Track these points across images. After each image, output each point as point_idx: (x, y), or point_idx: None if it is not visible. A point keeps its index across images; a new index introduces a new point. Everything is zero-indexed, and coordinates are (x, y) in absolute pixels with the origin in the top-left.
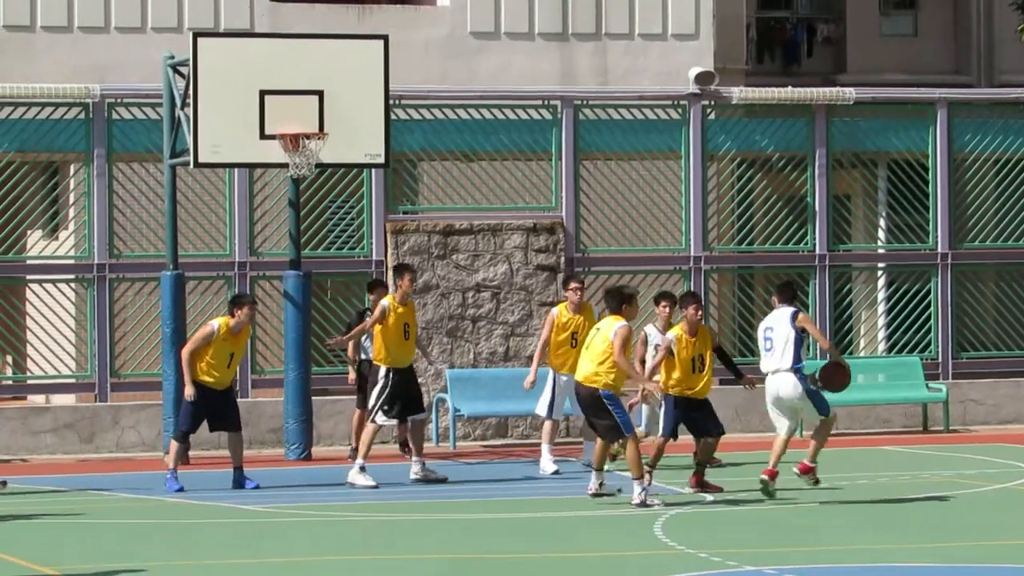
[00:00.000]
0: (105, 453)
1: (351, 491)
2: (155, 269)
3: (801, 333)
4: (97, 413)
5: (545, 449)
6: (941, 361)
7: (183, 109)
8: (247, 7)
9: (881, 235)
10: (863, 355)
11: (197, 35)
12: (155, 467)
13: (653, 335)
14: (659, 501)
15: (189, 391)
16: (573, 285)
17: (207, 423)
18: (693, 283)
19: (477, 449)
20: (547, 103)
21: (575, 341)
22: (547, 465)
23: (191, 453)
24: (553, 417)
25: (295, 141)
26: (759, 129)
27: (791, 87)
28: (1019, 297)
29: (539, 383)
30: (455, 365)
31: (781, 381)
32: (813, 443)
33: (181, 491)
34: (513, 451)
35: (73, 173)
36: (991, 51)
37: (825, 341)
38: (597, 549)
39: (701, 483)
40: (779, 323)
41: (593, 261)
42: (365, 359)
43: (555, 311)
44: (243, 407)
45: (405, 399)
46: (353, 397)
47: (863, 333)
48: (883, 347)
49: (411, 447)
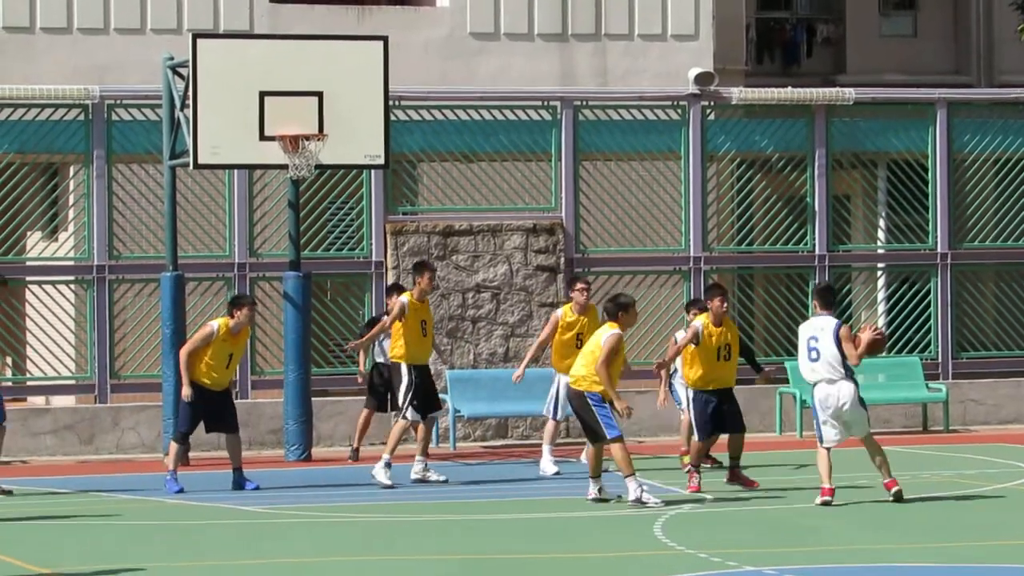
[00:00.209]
0: (105, 454)
1: (351, 491)
2: (155, 270)
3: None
4: (97, 414)
5: (546, 450)
6: (941, 361)
7: (182, 110)
8: (246, 8)
9: (881, 235)
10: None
11: (196, 36)
12: (155, 468)
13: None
14: (657, 500)
15: (186, 391)
16: (579, 286)
17: (203, 424)
18: (693, 283)
19: (477, 450)
20: (547, 104)
21: (580, 342)
22: (547, 466)
23: (191, 454)
24: (556, 418)
25: (295, 142)
26: (759, 129)
27: (791, 88)
28: (1019, 297)
29: (542, 383)
30: (455, 366)
31: (841, 390)
32: (878, 459)
33: (181, 492)
34: (513, 452)
35: (73, 174)
36: (991, 51)
37: (856, 359)
38: (597, 549)
39: (737, 477)
40: (824, 334)
41: (593, 262)
42: (382, 361)
43: (560, 311)
44: (243, 408)
45: (428, 395)
46: (353, 398)
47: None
48: None
49: (423, 443)
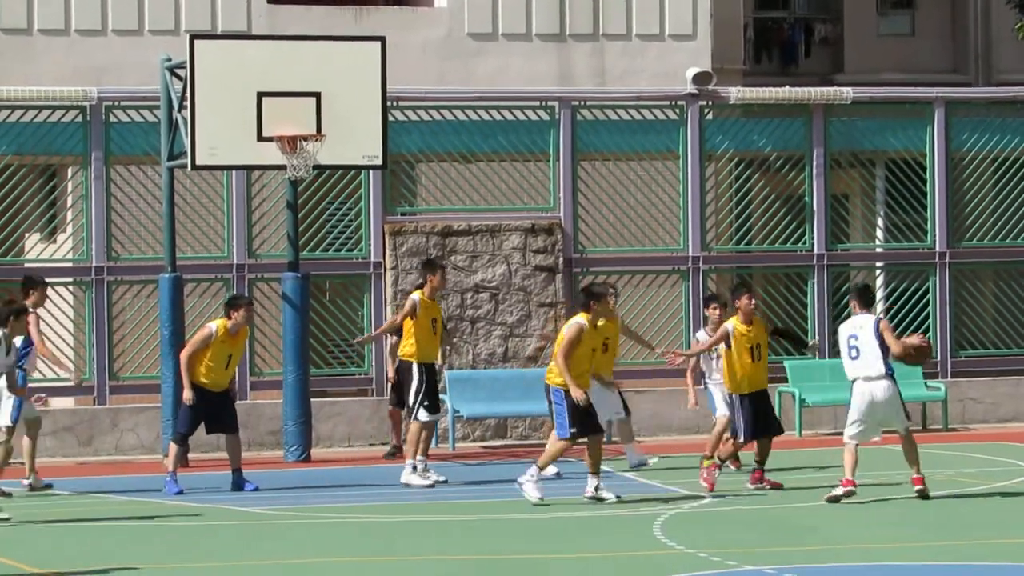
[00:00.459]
0: (104, 456)
1: (350, 492)
2: (153, 271)
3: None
4: (96, 416)
5: (628, 449)
6: (940, 360)
7: (180, 111)
8: (244, 9)
9: (879, 234)
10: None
11: (194, 37)
12: (154, 470)
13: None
14: (538, 496)
15: (188, 395)
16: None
17: (204, 425)
18: (691, 283)
19: (476, 450)
20: (545, 104)
21: (606, 347)
22: (643, 459)
23: (190, 455)
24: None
25: (293, 143)
26: (757, 129)
27: (789, 87)
28: (1017, 296)
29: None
30: (453, 366)
31: (878, 388)
32: (911, 456)
33: (180, 494)
34: (513, 452)
35: (71, 176)
36: (988, 50)
37: (898, 347)
38: (596, 549)
39: (763, 479)
40: (864, 331)
41: (591, 262)
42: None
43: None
44: (242, 409)
45: (436, 394)
46: (352, 398)
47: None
48: None
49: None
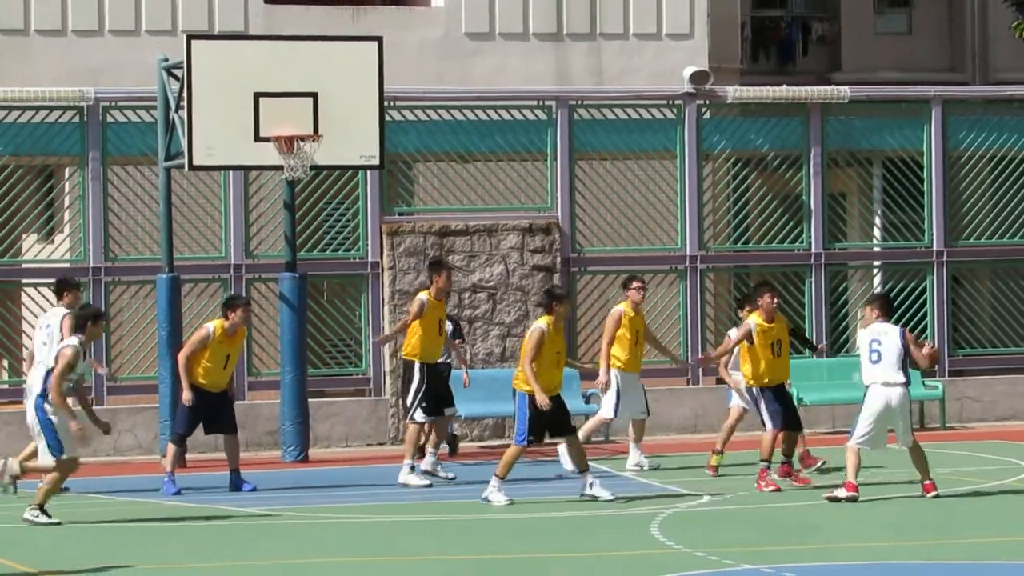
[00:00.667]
0: (102, 456)
1: (348, 492)
2: (150, 272)
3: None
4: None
5: (633, 448)
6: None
7: (177, 112)
8: (241, 9)
9: (876, 233)
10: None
11: (191, 37)
12: (152, 470)
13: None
14: (507, 500)
15: (187, 396)
16: (636, 284)
17: (202, 426)
18: (689, 283)
19: (474, 450)
20: (542, 103)
21: (637, 339)
22: (642, 461)
23: (188, 456)
24: (616, 417)
25: (290, 143)
26: (754, 128)
27: (786, 86)
28: (1015, 294)
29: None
30: (451, 366)
31: (896, 394)
32: (921, 464)
33: (178, 494)
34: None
35: (68, 176)
36: (985, 49)
37: (927, 360)
38: (594, 549)
39: (790, 474)
40: (888, 338)
41: (589, 261)
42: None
43: (620, 310)
44: (239, 409)
45: (439, 394)
46: (350, 399)
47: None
48: None
49: (435, 438)
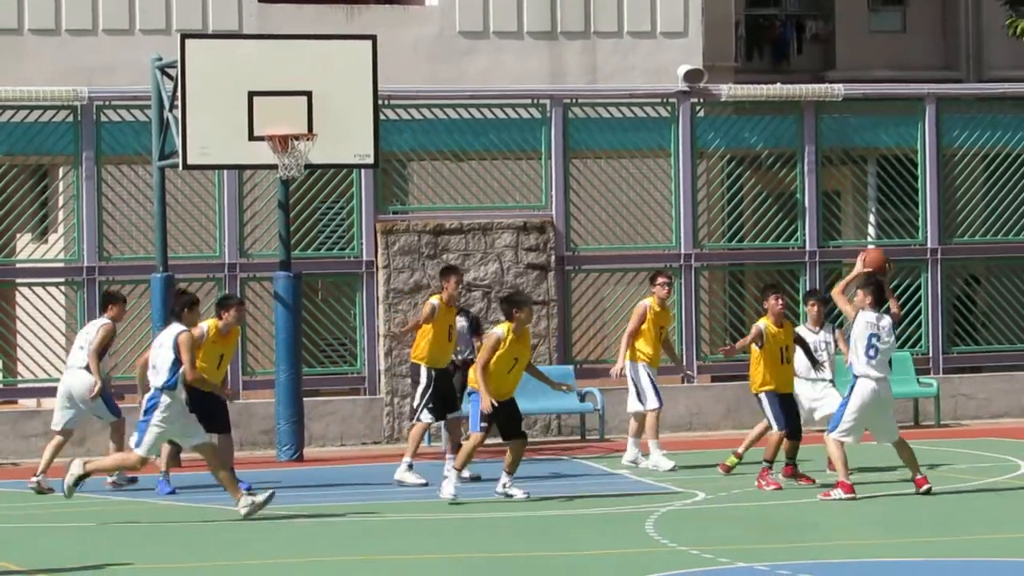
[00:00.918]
0: (97, 456)
1: (344, 491)
2: (145, 271)
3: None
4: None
5: (653, 445)
6: (932, 356)
7: (171, 111)
8: (235, 8)
9: (871, 231)
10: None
11: (185, 37)
12: (147, 470)
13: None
14: (452, 496)
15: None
16: (661, 280)
17: None
18: (684, 281)
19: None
20: (536, 102)
21: (662, 334)
22: (661, 461)
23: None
24: (662, 404)
25: (284, 142)
26: (748, 126)
27: (780, 84)
28: (1009, 292)
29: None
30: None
31: (885, 388)
32: (907, 460)
33: (173, 493)
34: (504, 450)
35: (62, 176)
36: (979, 46)
37: (896, 306)
38: (589, 547)
39: (795, 475)
40: (884, 331)
41: (583, 259)
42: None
43: (647, 304)
44: (234, 409)
45: (445, 397)
46: (344, 398)
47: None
48: None
49: (450, 444)
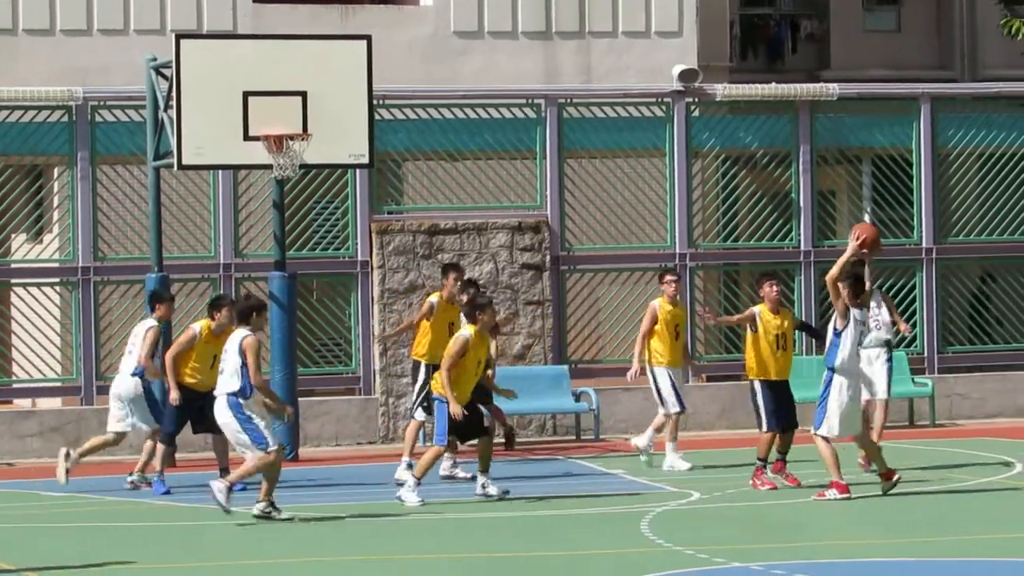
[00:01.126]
0: (92, 456)
1: (339, 491)
2: (140, 271)
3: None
4: (83, 416)
5: (670, 447)
6: (927, 356)
7: (166, 111)
8: (230, 9)
9: None
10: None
11: (180, 37)
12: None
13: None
14: (418, 503)
15: (174, 395)
16: (668, 278)
17: (190, 425)
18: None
19: (464, 448)
20: (531, 102)
21: (677, 334)
22: (678, 463)
23: (177, 455)
24: (683, 409)
25: (279, 142)
26: (743, 126)
27: (775, 84)
28: (1004, 291)
29: (527, 382)
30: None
31: (859, 379)
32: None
33: (167, 494)
34: (497, 450)
35: (57, 176)
36: (974, 46)
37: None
38: (584, 546)
39: (783, 471)
40: (865, 326)
41: (578, 259)
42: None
43: (655, 304)
44: None
45: None
46: (340, 398)
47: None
48: None
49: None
